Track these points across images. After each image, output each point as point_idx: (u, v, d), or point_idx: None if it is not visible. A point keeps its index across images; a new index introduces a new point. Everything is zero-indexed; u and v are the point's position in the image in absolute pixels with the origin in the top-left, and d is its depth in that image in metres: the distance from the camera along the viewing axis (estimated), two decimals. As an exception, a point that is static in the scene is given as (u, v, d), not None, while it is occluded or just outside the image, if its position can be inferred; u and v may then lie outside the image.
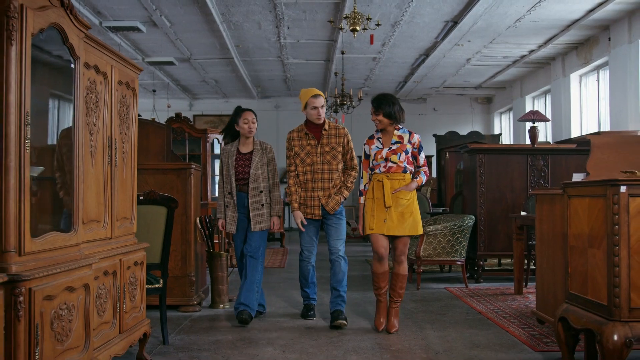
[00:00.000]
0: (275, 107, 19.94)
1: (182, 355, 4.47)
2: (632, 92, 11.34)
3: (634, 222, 3.22)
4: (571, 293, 3.71)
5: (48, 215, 3.03)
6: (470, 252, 8.09)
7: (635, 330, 3.19)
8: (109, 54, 3.59)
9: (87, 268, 3.05)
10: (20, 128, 2.53)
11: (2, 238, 2.47)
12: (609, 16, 11.49)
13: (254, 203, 5.67)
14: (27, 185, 2.56)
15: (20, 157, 2.53)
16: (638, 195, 3.22)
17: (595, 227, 3.43)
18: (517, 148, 8.24)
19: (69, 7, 2.93)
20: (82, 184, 3.14)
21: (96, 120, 3.39)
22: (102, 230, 3.48)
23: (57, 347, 2.75)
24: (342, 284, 5.65)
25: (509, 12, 11.11)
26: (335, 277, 5.66)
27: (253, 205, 5.67)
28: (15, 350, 2.45)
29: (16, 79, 2.51)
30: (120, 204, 3.79)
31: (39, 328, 2.57)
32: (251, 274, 5.62)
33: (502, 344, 4.74)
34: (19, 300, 2.45)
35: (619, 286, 3.20)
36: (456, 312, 6.03)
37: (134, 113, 4.04)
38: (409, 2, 10.52)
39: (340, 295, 5.62)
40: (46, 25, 2.73)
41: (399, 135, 5.33)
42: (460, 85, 18.32)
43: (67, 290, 2.84)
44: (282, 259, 11.01)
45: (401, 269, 5.30)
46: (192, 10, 10.96)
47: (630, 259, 3.21)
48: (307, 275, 5.81)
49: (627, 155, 3.75)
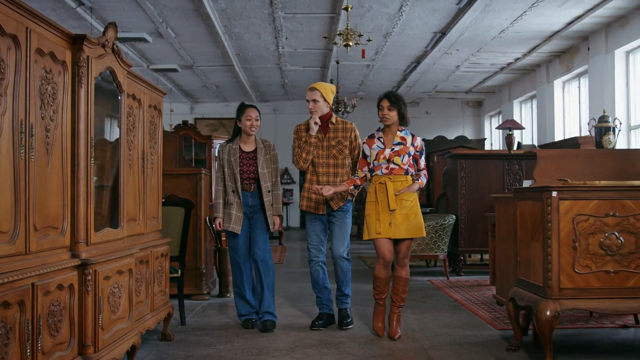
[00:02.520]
0: (274, 110, 20.74)
1: (198, 333, 5.28)
2: (608, 99, 12.12)
3: (563, 220, 4.04)
4: (519, 278, 4.54)
5: (102, 215, 3.83)
6: (452, 248, 8.91)
7: (563, 306, 4.00)
8: (142, 83, 4.40)
9: (130, 257, 3.88)
10: (87, 149, 3.34)
11: (75, 232, 3.28)
12: (587, 28, 12.27)
13: (267, 202, 5.54)
14: (92, 192, 3.37)
15: (87, 170, 3.34)
16: (566, 198, 4.04)
17: (535, 224, 4.24)
18: (495, 154, 9.07)
19: (118, 53, 3.73)
20: (124, 190, 3.96)
21: (133, 138, 4.20)
22: (137, 227, 4.29)
23: (112, 317, 3.56)
24: (344, 284, 5.59)
25: (493, 24, 11.91)
26: (337, 277, 5.59)
27: (267, 204, 5.53)
28: (85, 316, 3.27)
29: (84, 112, 3.32)
30: (150, 206, 4.60)
31: (101, 301, 3.39)
32: (269, 280, 5.56)
33: (469, 324, 5.57)
34: (88, 279, 3.27)
35: (551, 271, 4.02)
36: (435, 300, 6.85)
37: (159, 130, 4.85)
38: (399, 15, 11.32)
39: (345, 294, 5.60)
40: (103, 69, 3.55)
41: (402, 137, 5.17)
42: (451, 89, 19.07)
43: (118, 273, 3.66)
44: (281, 255, 11.82)
45: (404, 272, 5.15)
46: (196, 22, 11.75)
47: (560, 249, 4.02)
48: (318, 279, 5.57)
49: (565, 165, 4.57)
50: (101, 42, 3.50)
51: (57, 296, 3.01)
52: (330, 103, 5.62)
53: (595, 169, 4.63)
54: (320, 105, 5.52)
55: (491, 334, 5.17)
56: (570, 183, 4.15)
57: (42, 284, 2.84)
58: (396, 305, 5.18)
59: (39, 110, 2.92)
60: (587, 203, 4.05)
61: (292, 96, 19.64)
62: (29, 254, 2.82)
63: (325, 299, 5.57)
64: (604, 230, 4.05)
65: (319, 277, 5.56)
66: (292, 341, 5.02)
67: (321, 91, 5.54)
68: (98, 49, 3.46)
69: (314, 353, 4.61)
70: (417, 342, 4.94)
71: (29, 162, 2.82)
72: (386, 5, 10.71)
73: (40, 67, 2.94)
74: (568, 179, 4.28)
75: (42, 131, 2.96)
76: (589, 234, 4.04)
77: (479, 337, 5.09)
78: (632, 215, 4.06)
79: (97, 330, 3.34)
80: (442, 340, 4.97)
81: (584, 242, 4.04)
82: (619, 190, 4.08)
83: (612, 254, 4.05)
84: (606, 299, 4.03)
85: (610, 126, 6.00)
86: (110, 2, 10.69)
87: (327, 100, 5.57)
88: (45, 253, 2.97)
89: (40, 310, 2.83)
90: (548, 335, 3.98)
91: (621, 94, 11.97)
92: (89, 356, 3.28)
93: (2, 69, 2.61)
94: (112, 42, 3.63)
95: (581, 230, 4.04)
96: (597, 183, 4.16)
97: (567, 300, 4.02)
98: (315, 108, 5.51)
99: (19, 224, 2.74)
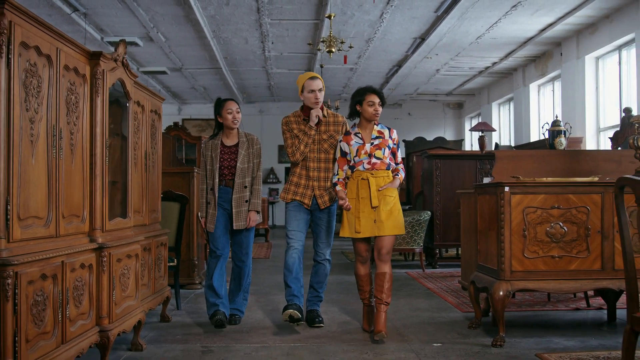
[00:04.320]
0: (260, 111, 21.27)
1: (193, 316, 5.84)
2: (579, 102, 12.77)
3: (514, 212, 4.64)
4: (479, 264, 5.14)
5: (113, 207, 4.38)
6: (428, 243, 9.50)
7: (514, 286, 4.60)
8: (144, 90, 4.94)
9: (137, 244, 4.43)
10: (103, 150, 3.89)
11: (93, 220, 3.83)
12: (560, 34, 12.91)
13: (238, 199, 5.32)
14: (107, 187, 3.92)
15: (103, 168, 3.88)
16: (517, 193, 4.64)
17: (491, 216, 4.84)
18: (468, 154, 9.69)
19: (127, 66, 4.28)
20: (131, 186, 4.51)
21: (138, 140, 4.74)
22: (141, 218, 4.83)
23: (122, 294, 4.12)
24: (322, 285, 5.44)
25: (470, 30, 12.52)
26: (317, 278, 5.43)
27: (236, 201, 5.32)
28: (102, 292, 3.82)
29: (100, 117, 3.87)
30: (151, 200, 5.14)
31: (114, 280, 3.94)
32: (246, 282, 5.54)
33: (438, 308, 6.16)
34: (104, 260, 3.81)
35: (504, 256, 4.61)
36: (410, 288, 7.44)
37: (159, 132, 5.39)
38: (380, 22, 11.91)
39: (319, 296, 5.46)
40: (115, 80, 4.10)
41: (379, 131, 5.05)
42: (433, 92, 19.65)
43: (127, 257, 4.21)
44: (267, 251, 12.39)
45: (387, 268, 4.96)
46: (186, 28, 12.28)
47: (512, 237, 4.62)
48: (292, 266, 5.22)
49: (520, 164, 5.18)
50: (113, 57, 4.05)
51: (80, 274, 3.56)
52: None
53: (546, 167, 5.24)
54: (323, 94, 5.33)
55: (457, 316, 5.77)
56: (521, 180, 4.76)
57: (69, 262, 3.39)
58: (382, 303, 4.93)
59: (66, 116, 3.47)
60: (535, 197, 4.65)
61: (277, 97, 20.20)
62: (59, 237, 3.37)
63: (296, 290, 5.22)
64: (549, 221, 4.65)
65: (294, 265, 5.23)
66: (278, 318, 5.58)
67: (321, 80, 5.35)
68: (111, 63, 4.01)
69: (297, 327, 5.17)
70: (390, 322, 5.50)
71: (59, 160, 3.37)
72: (368, 12, 11.30)
73: (66, 80, 3.49)
74: (520, 176, 4.88)
75: (68, 134, 3.51)
76: (537, 224, 4.65)
77: (445, 318, 5.68)
78: (574, 207, 4.67)
79: (111, 304, 3.89)
80: (413, 321, 5.56)
81: (533, 231, 4.64)
82: (563, 186, 4.69)
83: (557, 241, 4.65)
84: (551, 280, 4.64)
85: (561, 129, 6.62)
86: (103, 9, 11.19)
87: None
88: (70, 237, 3.52)
89: (68, 284, 3.38)
90: (501, 311, 4.58)
91: (591, 98, 12.62)
92: (104, 326, 3.83)
93: (40, 84, 3.16)
94: (122, 56, 4.18)
95: (530, 221, 4.64)
96: (544, 180, 4.77)
97: (518, 281, 4.63)
98: (321, 97, 5.29)
99: (52, 212, 3.30)
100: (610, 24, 11.55)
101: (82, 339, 3.56)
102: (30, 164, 3.08)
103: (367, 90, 5.08)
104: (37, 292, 3.05)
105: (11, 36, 2.88)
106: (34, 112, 3.12)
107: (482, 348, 4.58)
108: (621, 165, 5.20)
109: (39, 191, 3.17)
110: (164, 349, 4.63)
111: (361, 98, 5.04)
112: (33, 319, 3.01)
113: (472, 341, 4.80)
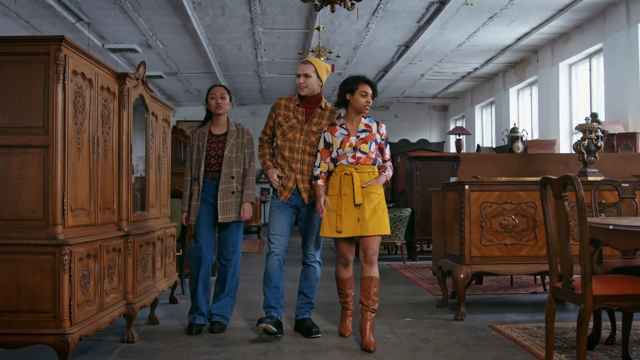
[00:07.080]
0: (252, 113, 22.00)
1: (197, 299, 6.63)
2: (554, 106, 13.57)
3: (473, 206, 5.46)
4: (445, 252, 5.97)
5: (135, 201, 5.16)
6: (409, 237, 10.33)
7: (473, 269, 5.44)
8: (157, 102, 5.72)
9: (153, 233, 5.22)
10: (128, 154, 4.68)
11: (120, 212, 4.62)
12: (535, 43, 13.75)
13: (224, 190, 5.03)
14: (131, 184, 4.72)
15: (128, 169, 4.68)
16: (476, 190, 5.47)
17: (455, 210, 5.66)
18: (445, 156, 10.52)
19: (146, 83, 5.07)
20: (149, 185, 5.30)
21: (152, 145, 5.53)
22: (155, 212, 5.62)
23: (143, 275, 4.91)
24: (313, 291, 5.07)
25: (451, 39, 13.34)
26: (307, 282, 5.05)
27: (222, 192, 5.02)
28: (127, 272, 4.61)
29: (127, 128, 4.66)
30: (163, 196, 5.93)
31: (137, 262, 4.74)
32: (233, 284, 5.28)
33: (413, 292, 6.99)
34: (129, 246, 4.61)
35: (464, 244, 5.44)
36: (390, 277, 8.26)
37: (169, 137, 6.18)
38: (366, 31, 12.73)
39: (310, 302, 5.07)
40: (137, 96, 4.89)
41: (366, 124, 4.72)
42: (418, 95, 20.43)
43: (147, 244, 5.00)
44: (260, 247, 13.19)
45: (374, 272, 4.61)
46: (183, 36, 13.05)
47: (471, 228, 5.45)
48: (272, 274, 4.85)
49: (482, 165, 6.02)
50: (136, 77, 4.84)
51: (112, 256, 4.35)
52: (323, 82, 4.94)
53: (505, 168, 6.08)
54: (312, 81, 4.85)
55: (428, 298, 6.59)
56: (480, 179, 5.59)
57: (105, 245, 4.19)
58: (368, 310, 4.58)
59: (101, 127, 4.27)
60: (491, 194, 5.48)
61: (269, 100, 20.96)
62: (97, 225, 4.17)
63: (274, 301, 4.84)
64: (503, 214, 5.48)
65: (274, 272, 4.86)
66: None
67: (315, 66, 4.87)
68: (134, 82, 4.80)
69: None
70: (370, 303, 6.32)
71: (97, 163, 4.17)
72: (354, 22, 12.12)
73: (102, 98, 4.28)
74: (480, 176, 5.72)
75: (102, 142, 4.30)
76: (492, 217, 5.47)
77: (418, 300, 6.51)
78: (524, 202, 5.50)
79: (135, 282, 4.69)
80: (388, 302, 6.38)
81: (489, 222, 5.47)
82: (515, 184, 5.53)
83: (509, 231, 5.48)
84: (504, 264, 5.47)
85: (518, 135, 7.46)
86: (106, 18, 11.95)
87: (320, 77, 4.90)
88: (104, 226, 4.32)
89: (104, 263, 4.18)
90: (462, 290, 5.41)
91: (565, 102, 13.45)
92: (130, 300, 4.63)
93: (84, 102, 3.96)
94: (142, 75, 4.96)
95: (487, 214, 5.47)
96: (499, 179, 5.60)
97: (476, 265, 5.46)
98: (306, 83, 4.84)
99: (92, 204, 4.09)
100: (582, 33, 12.37)
101: (114, 309, 4.36)
102: (77, 166, 3.88)
103: (360, 80, 4.70)
104: (84, 267, 3.85)
105: (66, 66, 3.68)
106: (80, 124, 3.92)
107: (445, 321, 5.41)
108: (569, 167, 6.05)
109: (83, 188, 3.97)
110: (176, 322, 5.43)
111: (353, 87, 4.67)
112: (81, 289, 3.81)
113: (438, 317, 5.62)
